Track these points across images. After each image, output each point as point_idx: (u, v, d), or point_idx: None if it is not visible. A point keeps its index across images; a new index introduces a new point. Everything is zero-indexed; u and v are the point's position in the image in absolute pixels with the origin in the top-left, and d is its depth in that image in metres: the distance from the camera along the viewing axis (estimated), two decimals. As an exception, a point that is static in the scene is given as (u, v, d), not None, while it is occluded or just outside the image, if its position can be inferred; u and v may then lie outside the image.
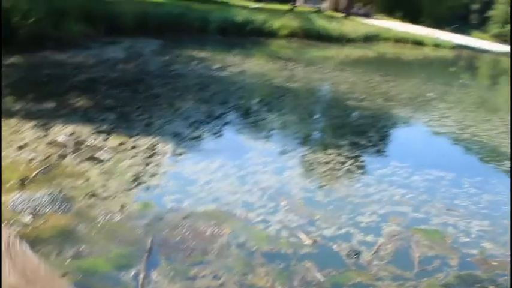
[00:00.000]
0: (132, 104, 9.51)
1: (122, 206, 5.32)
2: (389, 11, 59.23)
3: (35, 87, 10.30)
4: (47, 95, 9.47)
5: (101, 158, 6.63)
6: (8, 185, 5.57)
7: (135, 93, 10.57)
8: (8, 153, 6.50)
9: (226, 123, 9.29)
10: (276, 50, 23.50)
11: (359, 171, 7.57)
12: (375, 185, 6.98)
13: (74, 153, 6.71)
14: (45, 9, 16.05)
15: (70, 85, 10.59)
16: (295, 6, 44.37)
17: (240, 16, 26.87)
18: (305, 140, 9.06)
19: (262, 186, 6.40)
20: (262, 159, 7.39)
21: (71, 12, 17.34)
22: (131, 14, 20.82)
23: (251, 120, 9.74)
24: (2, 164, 6.12)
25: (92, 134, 7.50)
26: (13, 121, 7.76)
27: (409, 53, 33.20)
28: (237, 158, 7.27)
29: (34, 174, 5.93)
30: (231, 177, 6.54)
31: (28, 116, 8.10)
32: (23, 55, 13.36)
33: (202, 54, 17.60)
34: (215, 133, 8.59)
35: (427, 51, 36.15)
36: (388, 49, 32.52)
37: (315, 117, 11.33)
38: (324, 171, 7.33)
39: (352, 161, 7.95)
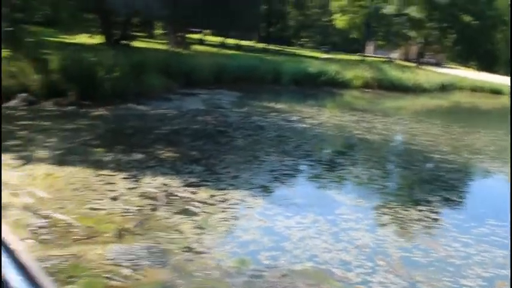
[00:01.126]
0: (216, 156, 9.60)
1: (219, 262, 5.24)
2: (462, 60, 58.11)
3: (122, 139, 10.65)
4: (134, 147, 9.74)
5: (193, 211, 6.64)
6: (105, 236, 5.65)
7: (219, 145, 10.70)
8: (104, 204, 6.64)
9: (312, 177, 9.17)
10: (351, 101, 23.37)
11: (455, 229, 7.16)
12: (474, 245, 6.57)
13: (165, 205, 6.76)
14: (127, 63, 16.83)
15: (155, 137, 10.87)
16: (366, 56, 44.43)
17: (313, 67, 27.10)
18: (394, 195, 8.76)
19: (358, 244, 6.17)
20: (354, 215, 7.17)
21: (152, 66, 18.09)
22: (207, 66, 21.47)
23: (337, 173, 9.58)
24: (99, 214, 6.26)
25: (181, 186, 7.57)
26: (105, 172, 7.99)
27: (487, 102, 32.17)
28: (329, 214, 7.09)
29: (130, 226, 6.00)
30: (324, 233, 6.35)
31: (118, 167, 8.33)
32: (108, 108, 13.95)
33: (279, 105, 17.74)
34: (303, 187, 8.49)
35: (505, 100, 34.86)
36: (464, 98, 31.63)
37: (401, 170, 10.99)
38: (419, 229, 7.01)
39: (446, 218, 7.58)
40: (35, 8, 19.11)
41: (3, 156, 8.56)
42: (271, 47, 44.66)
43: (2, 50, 16.59)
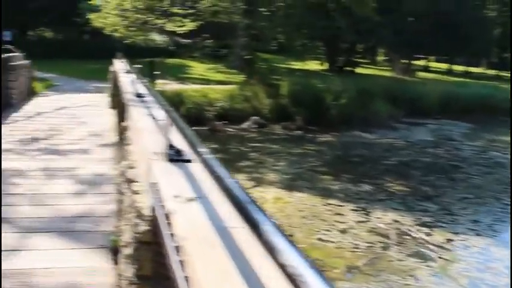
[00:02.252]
0: (451, 195, 8.75)
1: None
2: None
3: (349, 168, 10.46)
4: (362, 177, 9.46)
5: (428, 255, 6.03)
6: (335, 272, 5.40)
7: (453, 182, 9.79)
8: (333, 236, 6.44)
9: None
10: None
11: None
12: None
13: (397, 245, 6.27)
14: (353, 90, 16.74)
15: (383, 168, 10.45)
16: None
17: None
18: None
19: None
20: None
21: (377, 93, 17.72)
22: (434, 94, 20.32)
23: None
24: (328, 247, 6.07)
25: (414, 225, 6.99)
26: (333, 201, 7.82)
27: None
28: None
29: (360, 264, 5.67)
30: None
31: (347, 197, 8.10)
32: (334, 134, 13.96)
33: (519, 140, 15.84)
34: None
35: None
36: None
37: None
38: None
39: None
40: (271, 38, 20.32)
41: (237, 176, 9.00)
42: (505, 73, 40.91)
43: (239, 76, 17.97)
